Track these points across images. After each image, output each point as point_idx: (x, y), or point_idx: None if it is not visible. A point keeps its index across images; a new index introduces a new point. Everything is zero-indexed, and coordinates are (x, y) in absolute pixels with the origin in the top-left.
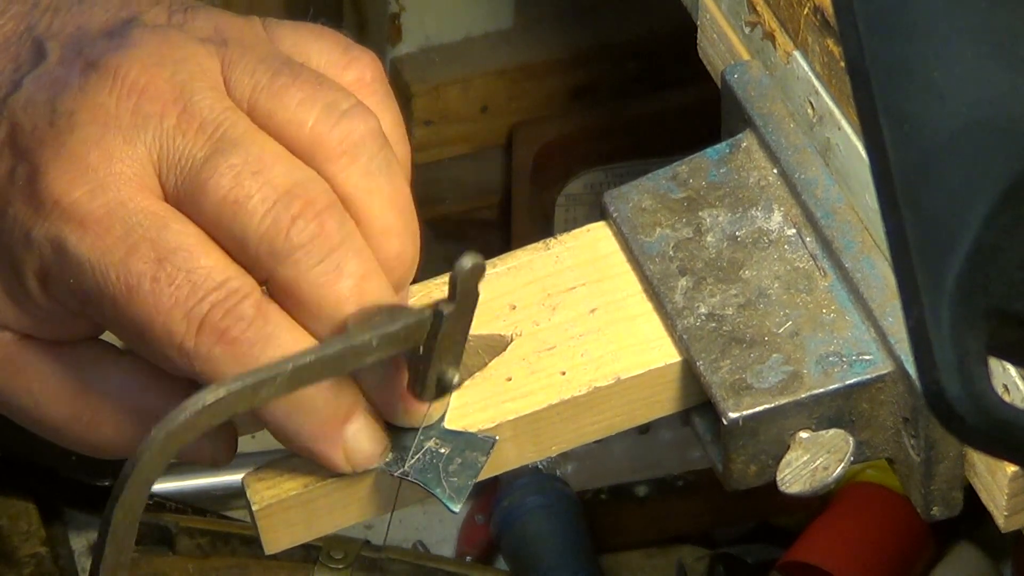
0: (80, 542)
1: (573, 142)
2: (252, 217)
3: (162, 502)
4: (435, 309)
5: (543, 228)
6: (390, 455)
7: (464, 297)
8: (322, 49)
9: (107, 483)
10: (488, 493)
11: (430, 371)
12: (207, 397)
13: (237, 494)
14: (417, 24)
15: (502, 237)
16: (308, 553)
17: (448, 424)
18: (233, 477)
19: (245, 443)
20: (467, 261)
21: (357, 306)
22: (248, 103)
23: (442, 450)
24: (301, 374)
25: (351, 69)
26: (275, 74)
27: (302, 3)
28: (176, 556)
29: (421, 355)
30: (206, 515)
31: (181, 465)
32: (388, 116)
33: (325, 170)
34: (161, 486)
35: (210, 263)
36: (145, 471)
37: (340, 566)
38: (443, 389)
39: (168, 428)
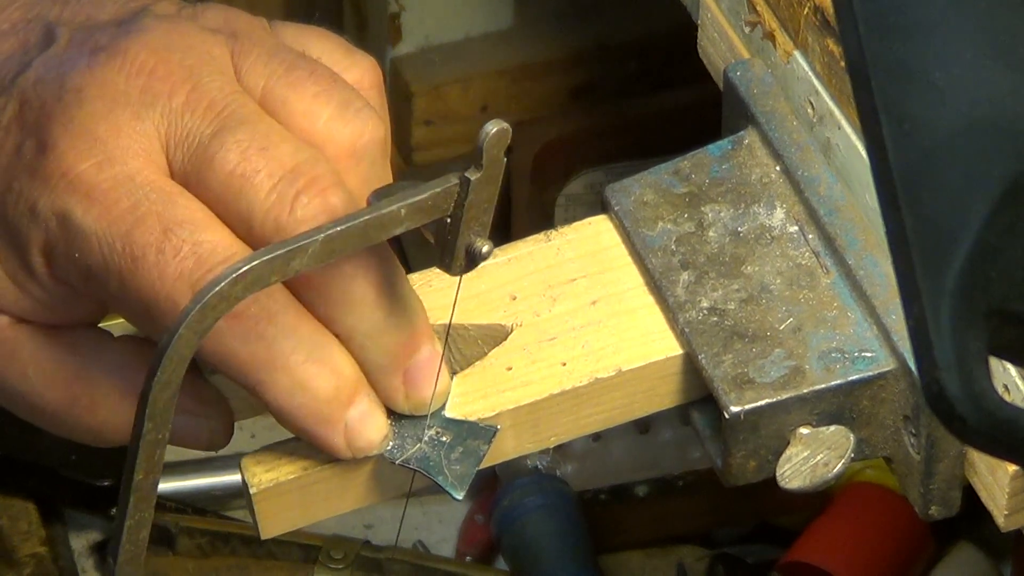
0: (80, 542)
1: (573, 142)
2: (258, 192)
3: (162, 502)
4: (461, 176)
5: (543, 228)
6: (391, 443)
7: (491, 163)
8: (324, 49)
9: (107, 483)
10: (488, 493)
11: (459, 241)
12: (241, 266)
13: (237, 494)
14: (417, 24)
15: (502, 237)
16: (308, 553)
17: (448, 413)
18: (233, 477)
19: (245, 443)
20: (492, 126)
21: (361, 283)
22: (262, 90)
23: (444, 438)
24: (332, 243)
25: (352, 71)
26: (291, 66)
27: (302, 4)
28: (176, 556)
29: (449, 225)
30: (206, 515)
31: (181, 465)
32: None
33: None
34: (161, 486)
35: (216, 237)
36: (180, 346)
37: (340, 566)
38: (472, 260)
39: (203, 299)
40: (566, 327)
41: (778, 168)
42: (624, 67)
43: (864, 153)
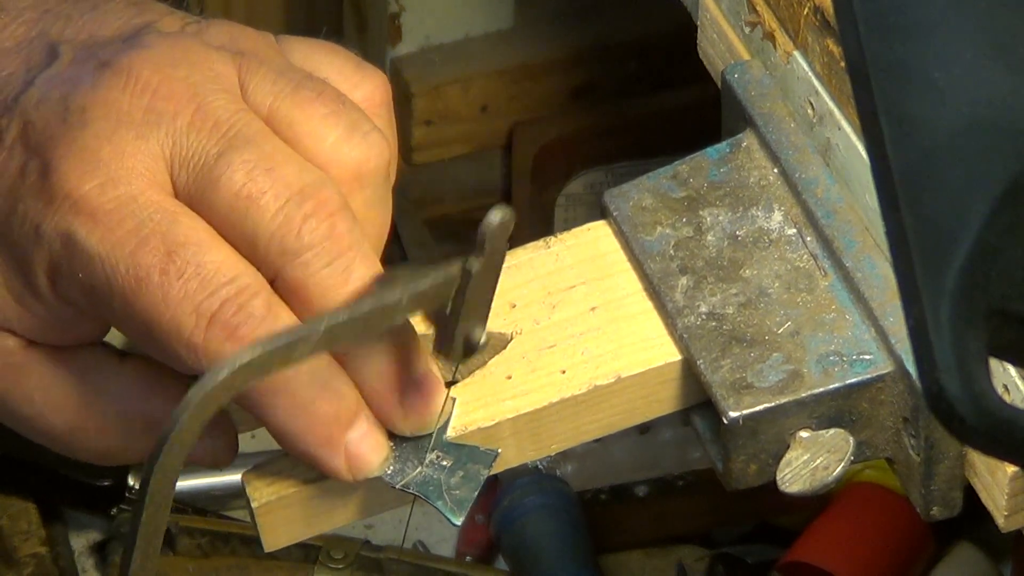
0: (80, 542)
1: (573, 142)
2: (264, 213)
3: None
4: (463, 266)
5: (543, 228)
6: (392, 466)
7: (492, 253)
8: (334, 65)
9: (107, 483)
10: (488, 493)
11: (457, 330)
12: (243, 356)
13: (237, 494)
14: (417, 24)
15: None
16: (308, 553)
17: (450, 431)
18: (233, 477)
19: (245, 443)
20: (495, 215)
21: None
22: (268, 110)
23: (444, 463)
24: (335, 333)
25: (362, 88)
26: (298, 86)
27: (302, 5)
28: (176, 556)
29: (449, 313)
30: (206, 515)
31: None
32: (389, 140)
33: None
34: None
35: (220, 258)
36: (182, 434)
37: (340, 566)
38: (470, 348)
39: (205, 389)
40: (565, 334)
41: (776, 170)
42: (624, 67)
43: (864, 153)
